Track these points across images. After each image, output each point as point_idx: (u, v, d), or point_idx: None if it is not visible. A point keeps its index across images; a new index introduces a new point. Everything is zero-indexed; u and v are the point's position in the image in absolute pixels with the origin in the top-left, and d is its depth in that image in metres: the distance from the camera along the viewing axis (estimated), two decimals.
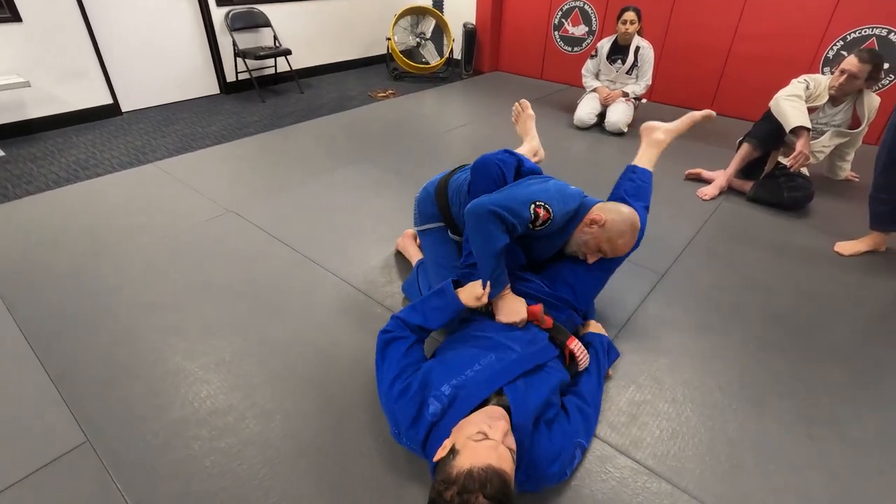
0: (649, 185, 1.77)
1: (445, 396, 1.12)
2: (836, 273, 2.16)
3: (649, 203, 1.73)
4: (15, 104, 3.42)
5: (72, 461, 1.29)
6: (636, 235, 1.49)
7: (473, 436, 0.97)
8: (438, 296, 1.41)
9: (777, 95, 2.53)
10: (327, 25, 5.20)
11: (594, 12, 4.68)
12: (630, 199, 1.68)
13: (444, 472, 0.92)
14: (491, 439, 0.96)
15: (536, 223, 1.41)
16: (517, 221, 1.37)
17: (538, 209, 1.40)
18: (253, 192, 2.76)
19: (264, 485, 1.24)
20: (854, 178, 3.02)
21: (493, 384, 1.16)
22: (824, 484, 1.27)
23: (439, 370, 1.20)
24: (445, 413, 1.11)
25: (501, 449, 0.95)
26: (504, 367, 1.21)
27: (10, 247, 2.21)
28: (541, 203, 1.41)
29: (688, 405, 1.49)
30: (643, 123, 1.93)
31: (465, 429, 1.01)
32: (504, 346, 1.29)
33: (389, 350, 1.28)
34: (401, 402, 1.16)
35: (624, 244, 1.48)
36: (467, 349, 1.28)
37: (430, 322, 1.36)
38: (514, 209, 1.37)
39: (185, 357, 1.63)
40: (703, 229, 2.47)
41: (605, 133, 3.73)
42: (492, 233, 1.36)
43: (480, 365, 1.20)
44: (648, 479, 1.27)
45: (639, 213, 1.55)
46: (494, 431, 0.98)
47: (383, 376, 1.24)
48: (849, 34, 3.56)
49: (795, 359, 1.68)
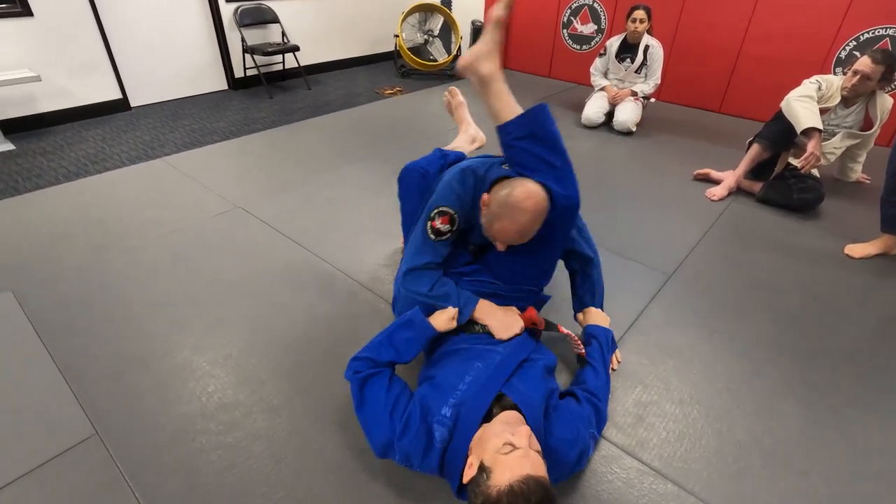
0: (539, 129, 1.30)
1: (448, 418, 1.10)
2: (846, 275, 2.14)
3: (560, 153, 1.31)
4: (26, 98, 3.44)
5: (81, 453, 1.30)
6: (528, 216, 1.20)
7: (501, 449, 0.96)
8: (407, 326, 1.32)
9: (789, 96, 2.51)
10: (335, 22, 5.20)
11: (603, 10, 4.65)
12: (520, 169, 1.32)
13: (483, 495, 0.91)
14: (519, 448, 0.95)
15: (444, 236, 1.36)
16: (433, 256, 1.38)
17: (434, 223, 1.36)
18: (260, 187, 2.76)
19: (271, 479, 1.24)
20: (865, 180, 2.99)
21: (490, 391, 1.14)
22: (832, 487, 1.27)
23: (433, 395, 1.16)
24: (453, 434, 1.08)
25: (532, 455, 0.95)
26: (494, 372, 1.19)
27: (20, 240, 2.23)
28: (435, 212, 1.36)
29: (695, 407, 1.49)
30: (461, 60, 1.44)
31: (490, 443, 0.99)
32: (486, 352, 1.27)
33: (368, 389, 1.18)
34: (407, 437, 1.09)
35: (511, 227, 1.22)
36: (452, 366, 1.25)
37: (404, 355, 1.27)
38: (420, 249, 1.39)
39: (192, 351, 1.64)
40: (711, 230, 2.46)
41: (613, 132, 3.72)
42: (421, 285, 1.38)
43: (470, 376, 1.18)
44: (655, 480, 1.27)
45: (543, 180, 1.25)
46: (519, 439, 0.97)
47: (374, 417, 1.15)
48: (862, 34, 3.52)
49: (804, 361, 1.67)
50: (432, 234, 1.37)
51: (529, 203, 1.19)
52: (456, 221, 1.36)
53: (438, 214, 1.36)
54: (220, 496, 1.20)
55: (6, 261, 2.08)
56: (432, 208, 1.38)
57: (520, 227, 1.22)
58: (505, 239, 1.29)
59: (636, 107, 3.67)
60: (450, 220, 1.36)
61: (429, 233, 1.38)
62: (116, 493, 1.21)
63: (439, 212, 1.36)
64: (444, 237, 1.38)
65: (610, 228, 2.44)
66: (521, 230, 1.23)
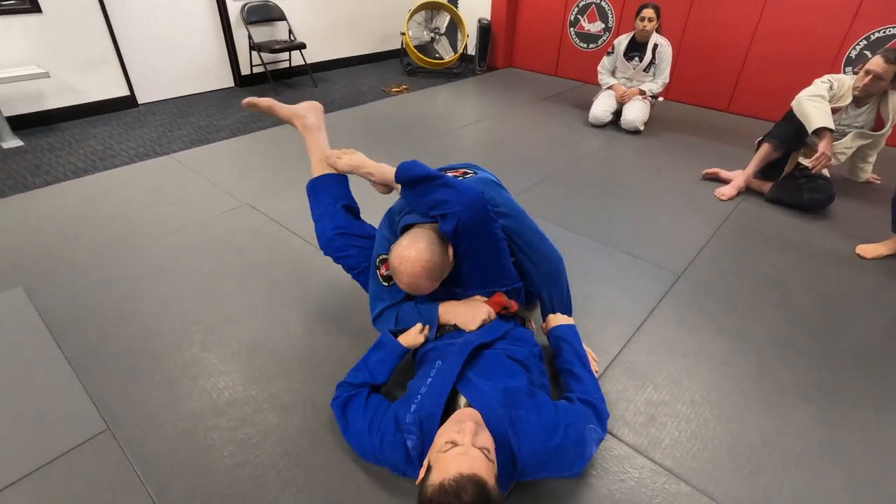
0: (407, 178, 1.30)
1: (413, 425, 1.10)
2: (856, 276, 2.12)
3: (431, 180, 1.27)
4: (34, 95, 3.45)
5: (93, 448, 1.31)
6: (408, 278, 1.23)
7: (442, 447, 0.94)
8: (379, 348, 1.36)
9: (800, 95, 2.49)
10: (342, 19, 5.20)
11: (611, 9, 4.64)
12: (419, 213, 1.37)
13: (420, 494, 0.90)
14: (459, 445, 0.92)
15: (393, 279, 1.36)
16: (391, 298, 1.43)
17: (381, 271, 1.43)
18: (268, 184, 2.76)
19: (283, 476, 1.24)
20: (875, 181, 2.97)
21: (444, 390, 1.13)
22: (848, 489, 1.26)
23: (403, 404, 1.17)
24: (422, 441, 1.08)
25: (472, 452, 0.91)
26: (449, 366, 1.18)
27: (30, 236, 2.24)
28: (378, 261, 1.44)
29: (706, 407, 1.48)
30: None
31: (436, 442, 0.99)
32: (447, 347, 1.27)
33: (349, 411, 1.23)
34: (385, 450, 1.13)
35: (403, 286, 1.27)
36: (420, 371, 1.26)
37: (377, 376, 1.31)
38: (378, 295, 1.45)
39: (202, 348, 1.64)
40: (720, 230, 2.45)
41: (621, 131, 3.70)
42: (388, 324, 1.43)
43: (431, 377, 1.18)
44: (667, 480, 1.26)
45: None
46: (462, 436, 0.94)
47: (357, 435, 1.19)
48: (872, 33, 3.49)
49: (815, 361, 1.66)
50: (384, 281, 1.44)
51: (404, 267, 1.23)
52: None
53: (381, 262, 1.44)
54: (231, 492, 1.20)
55: (16, 256, 2.09)
56: (375, 258, 1.46)
57: (407, 286, 1.27)
58: (406, 291, 1.33)
59: (644, 106, 3.65)
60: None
61: (381, 280, 1.45)
62: (129, 488, 1.21)
63: (381, 260, 1.44)
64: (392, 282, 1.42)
65: (618, 227, 2.43)
66: (411, 287, 1.27)
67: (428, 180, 1.27)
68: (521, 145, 3.45)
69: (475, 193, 1.28)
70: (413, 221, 1.37)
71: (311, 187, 1.69)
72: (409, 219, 1.38)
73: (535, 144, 3.46)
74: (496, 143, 3.53)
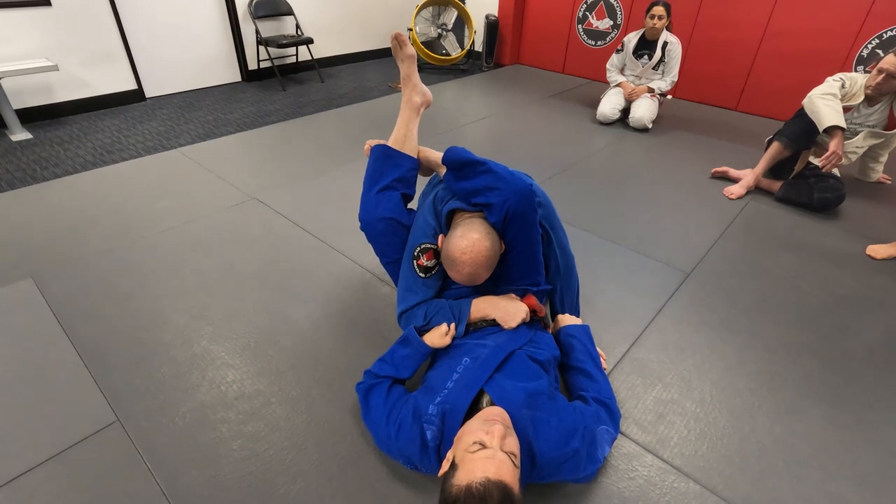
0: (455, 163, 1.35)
1: (435, 417, 1.11)
2: (867, 276, 2.11)
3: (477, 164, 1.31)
4: (43, 87, 3.46)
5: (103, 439, 1.31)
6: (469, 268, 1.22)
7: (470, 447, 0.94)
8: (404, 344, 1.35)
9: (811, 93, 2.47)
10: (349, 15, 5.19)
11: (619, 6, 4.61)
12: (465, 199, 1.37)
13: (444, 491, 0.90)
14: (488, 448, 0.92)
15: (432, 271, 1.36)
16: (424, 293, 1.38)
17: (420, 261, 1.37)
18: (275, 179, 2.76)
19: (291, 470, 1.24)
20: (886, 180, 2.95)
21: (474, 387, 1.14)
22: (857, 491, 1.25)
23: (424, 395, 1.18)
24: (443, 432, 1.09)
25: (500, 456, 0.91)
26: (479, 366, 1.19)
27: (40, 228, 2.25)
28: (419, 250, 1.38)
29: (716, 406, 1.47)
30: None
31: (463, 439, 0.98)
32: (476, 347, 1.27)
33: (371, 397, 1.25)
34: (401, 438, 1.14)
35: (459, 277, 1.25)
36: (443, 365, 1.26)
37: (401, 371, 1.31)
38: (411, 288, 1.39)
39: (210, 341, 1.65)
40: (729, 229, 2.43)
41: (629, 129, 3.68)
42: (417, 320, 1.38)
43: (458, 373, 1.19)
44: (676, 478, 1.26)
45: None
46: (491, 438, 0.94)
47: (375, 423, 1.21)
48: (885, 32, 3.45)
49: (826, 362, 1.65)
50: (421, 272, 1.39)
51: (466, 257, 1.22)
52: (441, 254, 1.35)
53: (422, 252, 1.39)
54: (240, 485, 1.21)
55: (26, 248, 2.10)
56: (414, 248, 1.40)
57: (465, 277, 1.25)
58: (461, 283, 1.29)
59: (652, 104, 3.63)
60: (434, 254, 1.38)
61: (417, 272, 1.39)
62: (139, 479, 1.22)
63: (422, 249, 1.39)
64: (433, 272, 1.39)
65: (627, 226, 2.42)
66: (469, 278, 1.25)
67: (476, 165, 1.28)
68: (529, 142, 3.44)
69: (524, 183, 1.28)
70: (457, 207, 1.35)
71: (382, 153, 1.61)
72: (452, 204, 1.36)
73: (542, 142, 3.44)
74: (503, 140, 3.52)
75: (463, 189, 1.33)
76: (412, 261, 1.40)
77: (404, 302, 1.42)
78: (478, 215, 1.32)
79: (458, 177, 1.32)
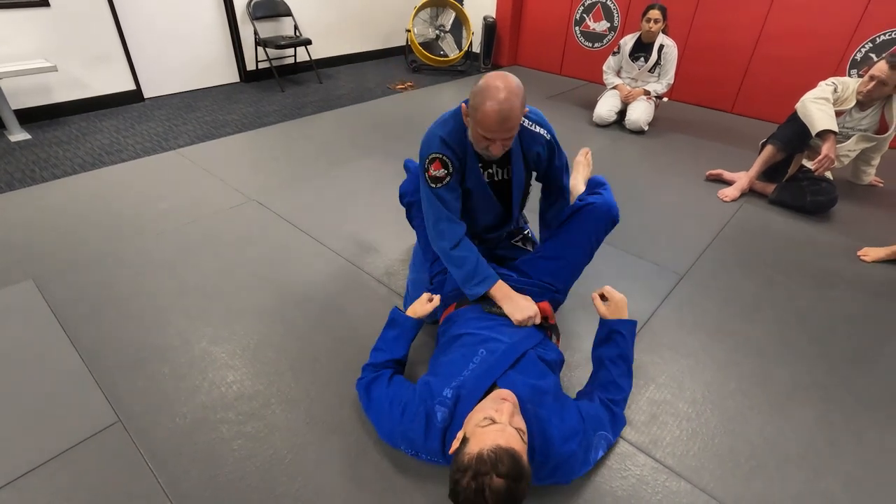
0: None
1: (449, 399, 1.14)
2: (858, 279, 2.14)
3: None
4: (42, 88, 3.47)
5: (104, 440, 1.33)
6: (504, 93, 1.22)
7: (480, 422, 0.99)
8: (390, 326, 1.45)
9: (804, 97, 2.50)
10: (347, 16, 5.20)
11: (616, 8, 4.63)
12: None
13: (457, 462, 0.94)
14: (497, 423, 0.97)
15: (443, 181, 1.42)
16: (442, 207, 1.45)
17: (429, 172, 1.43)
18: (274, 181, 2.78)
19: (291, 469, 1.27)
20: (878, 183, 2.98)
21: (491, 377, 1.17)
22: (845, 490, 1.28)
23: (437, 379, 1.21)
24: (453, 415, 1.12)
25: (509, 430, 0.96)
26: (498, 360, 1.22)
27: (39, 230, 2.26)
28: (427, 162, 1.43)
29: (707, 406, 1.50)
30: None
31: (474, 416, 1.03)
32: (492, 339, 1.30)
33: (373, 390, 1.29)
34: (405, 420, 1.17)
35: (492, 109, 1.21)
36: (457, 352, 1.29)
37: (396, 352, 1.39)
38: (430, 203, 1.46)
39: (210, 342, 1.67)
40: (723, 231, 2.46)
41: (625, 131, 3.71)
42: (444, 241, 1.46)
43: (475, 363, 1.22)
44: (668, 477, 1.28)
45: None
46: (500, 414, 0.99)
47: (378, 411, 1.24)
48: (878, 36, 3.49)
49: (817, 363, 1.68)
50: (432, 182, 1.44)
51: (501, 82, 1.22)
52: (448, 164, 1.41)
53: (430, 163, 1.43)
54: (241, 484, 1.23)
55: (26, 249, 2.11)
56: (423, 160, 1.45)
57: (499, 104, 1.21)
58: (490, 128, 1.25)
59: (649, 106, 3.66)
60: (441, 163, 1.42)
61: (429, 183, 1.44)
62: (140, 479, 1.24)
63: (430, 160, 1.43)
64: (444, 182, 1.43)
65: (621, 227, 2.41)
66: (501, 109, 1.21)
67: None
68: None
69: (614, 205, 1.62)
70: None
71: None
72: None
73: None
74: None
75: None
76: (424, 175, 1.45)
77: (428, 218, 1.49)
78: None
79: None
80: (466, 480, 0.89)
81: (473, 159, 1.46)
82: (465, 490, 0.89)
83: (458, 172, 1.46)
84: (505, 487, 0.87)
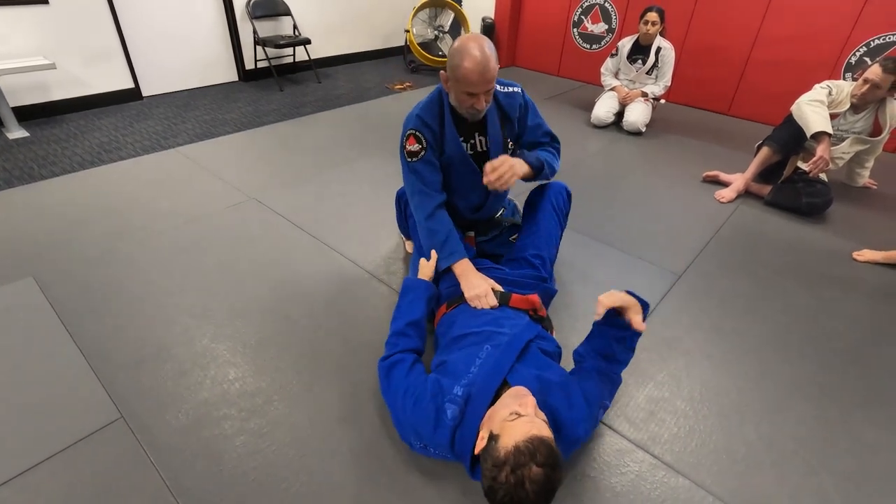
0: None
1: (459, 397, 1.15)
2: (852, 279, 2.17)
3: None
4: (40, 86, 3.46)
5: (107, 436, 1.34)
6: (477, 47, 1.37)
7: (507, 417, 1.00)
8: (404, 294, 1.54)
9: (799, 100, 2.54)
10: (346, 16, 5.21)
11: (614, 10, 4.66)
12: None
13: (491, 458, 0.95)
14: (524, 416, 0.99)
15: (418, 154, 1.56)
16: (418, 180, 1.60)
17: (406, 148, 1.59)
18: (274, 179, 2.79)
19: (293, 465, 1.28)
20: (872, 186, 3.02)
21: (499, 374, 1.19)
22: (841, 486, 1.30)
23: (445, 378, 1.22)
24: (464, 413, 1.13)
25: (537, 421, 0.98)
26: (502, 353, 1.24)
27: (39, 227, 2.26)
28: (404, 139, 1.59)
29: (705, 404, 1.52)
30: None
31: (498, 413, 1.04)
32: (494, 334, 1.33)
33: (393, 373, 1.30)
34: (416, 411, 1.17)
35: (470, 64, 1.37)
36: (462, 350, 1.31)
37: (415, 313, 1.45)
38: (407, 178, 1.64)
39: (211, 340, 1.67)
40: (720, 232, 2.49)
41: (623, 132, 3.74)
42: (420, 211, 1.61)
43: (481, 359, 1.24)
44: (666, 473, 1.30)
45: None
46: (525, 408, 1.01)
47: (393, 397, 1.26)
48: (872, 40, 3.53)
49: (811, 362, 1.70)
50: (408, 157, 1.60)
51: (474, 42, 1.39)
52: (422, 139, 1.57)
53: (406, 139, 1.59)
54: (244, 480, 1.24)
55: (26, 247, 2.11)
56: (402, 138, 1.61)
57: (477, 59, 1.37)
58: (472, 81, 1.40)
59: (646, 108, 3.69)
60: (415, 138, 1.58)
61: (406, 158, 1.60)
62: (143, 475, 1.24)
63: (406, 136, 1.59)
64: (419, 156, 1.58)
65: (619, 228, 2.47)
66: (479, 62, 1.37)
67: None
68: None
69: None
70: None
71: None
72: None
73: None
74: None
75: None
76: (402, 152, 1.62)
77: (407, 192, 1.68)
78: None
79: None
80: (505, 475, 0.90)
81: (452, 131, 1.58)
82: (505, 485, 0.89)
83: (434, 148, 1.60)
84: (544, 477, 0.88)
